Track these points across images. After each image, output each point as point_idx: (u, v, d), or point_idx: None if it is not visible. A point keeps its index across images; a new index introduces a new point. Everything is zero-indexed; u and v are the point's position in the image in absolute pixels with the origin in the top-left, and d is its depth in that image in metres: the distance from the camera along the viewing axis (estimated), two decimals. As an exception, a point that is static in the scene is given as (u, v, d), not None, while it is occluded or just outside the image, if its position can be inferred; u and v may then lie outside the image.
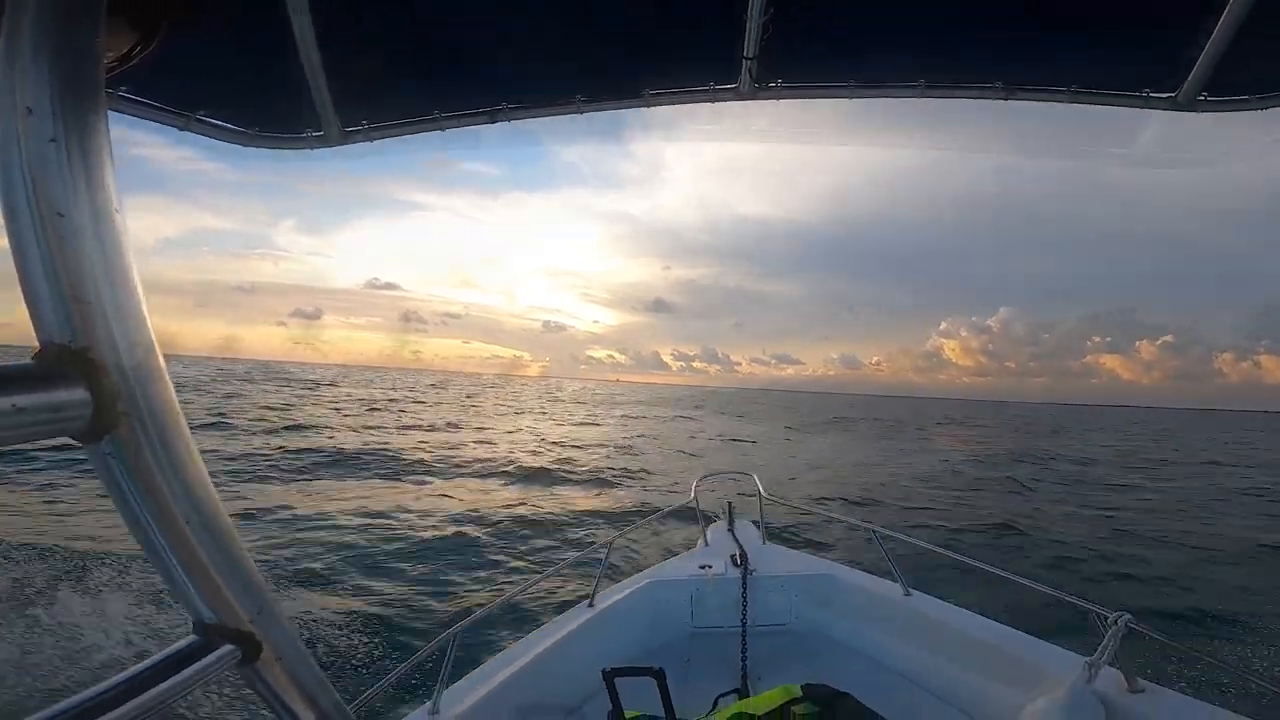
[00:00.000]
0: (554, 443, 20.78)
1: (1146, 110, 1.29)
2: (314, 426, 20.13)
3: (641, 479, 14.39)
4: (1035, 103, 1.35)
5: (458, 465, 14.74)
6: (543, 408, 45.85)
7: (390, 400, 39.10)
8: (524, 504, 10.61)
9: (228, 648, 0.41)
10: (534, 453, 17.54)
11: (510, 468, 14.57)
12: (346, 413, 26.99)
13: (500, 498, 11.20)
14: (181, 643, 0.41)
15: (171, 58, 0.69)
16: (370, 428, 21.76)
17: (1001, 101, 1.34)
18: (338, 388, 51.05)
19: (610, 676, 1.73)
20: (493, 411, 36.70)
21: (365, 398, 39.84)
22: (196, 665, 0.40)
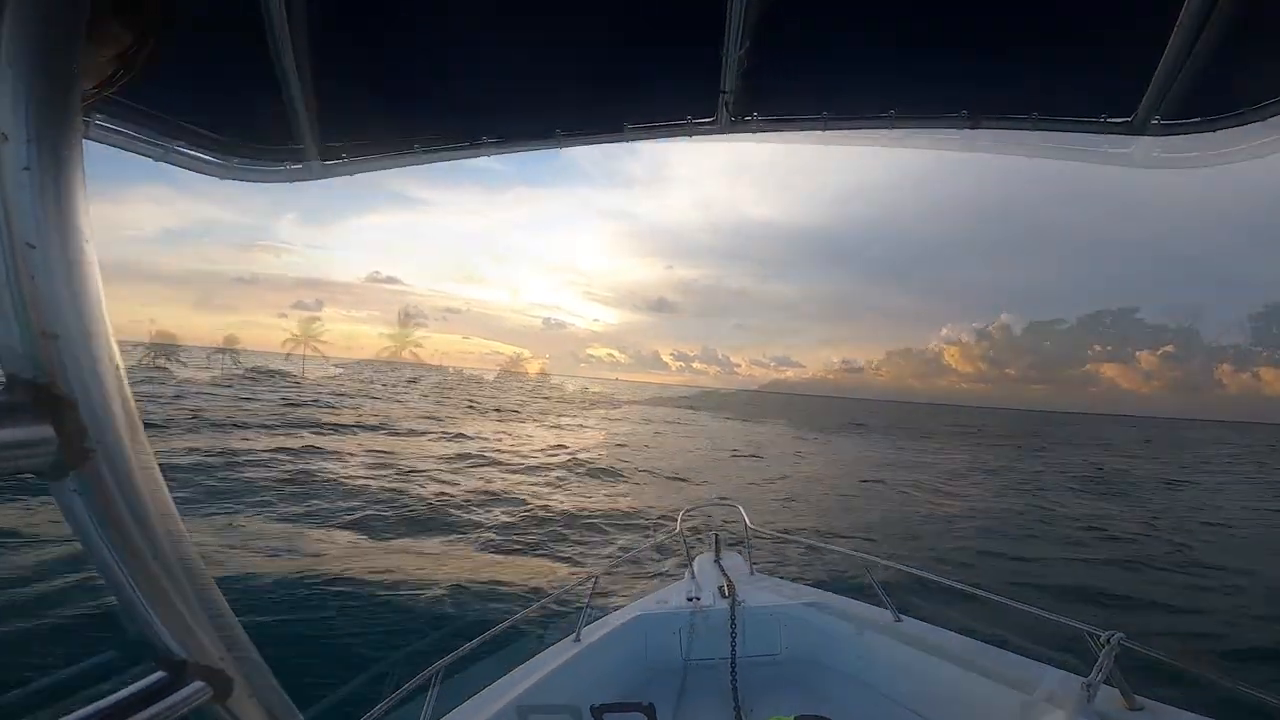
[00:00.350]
0: (495, 460, 15.11)
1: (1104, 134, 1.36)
2: (165, 427, 14.74)
3: (602, 537, 8.99)
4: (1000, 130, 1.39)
5: (310, 496, 9.34)
6: (517, 406, 39.63)
7: (338, 395, 33.53)
8: (329, 605, 5.22)
9: (198, 684, 0.40)
10: (445, 482, 11.82)
11: (395, 504, 9.18)
12: (254, 409, 21.46)
13: (324, 570, 5.79)
14: (145, 680, 0.39)
15: (150, 88, 0.68)
16: (253, 428, 16.30)
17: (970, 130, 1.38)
18: (292, 379, 45.56)
19: (600, 713, 1.76)
20: (450, 412, 30.53)
21: (308, 391, 34.36)
22: (165, 702, 0.38)
